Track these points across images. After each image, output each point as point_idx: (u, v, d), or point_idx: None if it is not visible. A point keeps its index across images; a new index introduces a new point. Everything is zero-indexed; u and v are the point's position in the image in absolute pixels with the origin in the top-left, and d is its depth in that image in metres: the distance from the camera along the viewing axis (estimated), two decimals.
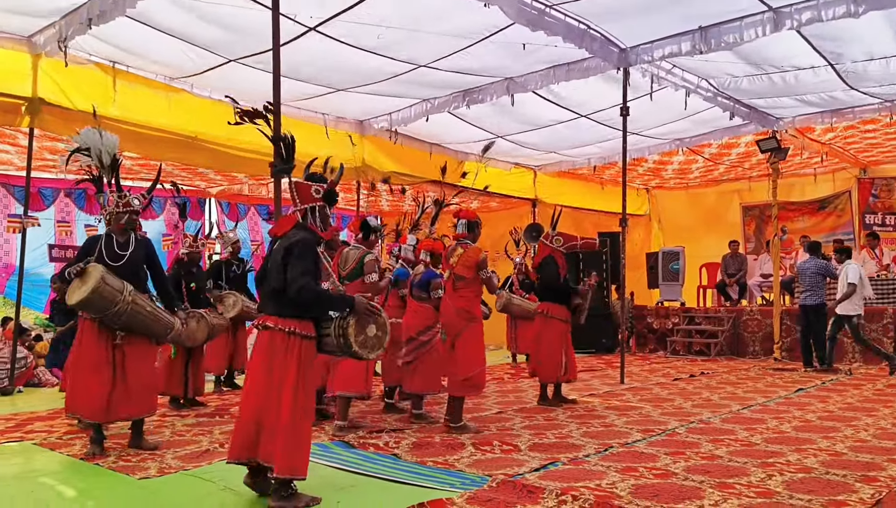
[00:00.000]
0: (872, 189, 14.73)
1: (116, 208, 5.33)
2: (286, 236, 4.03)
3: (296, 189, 4.13)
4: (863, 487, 4.09)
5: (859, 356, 11.00)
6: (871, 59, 8.63)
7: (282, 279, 3.91)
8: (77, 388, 5.29)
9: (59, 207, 12.70)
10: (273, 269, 3.99)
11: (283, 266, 3.91)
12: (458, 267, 5.96)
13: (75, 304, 5.05)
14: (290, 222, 4.11)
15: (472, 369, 5.88)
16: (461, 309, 5.94)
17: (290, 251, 3.92)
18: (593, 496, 3.91)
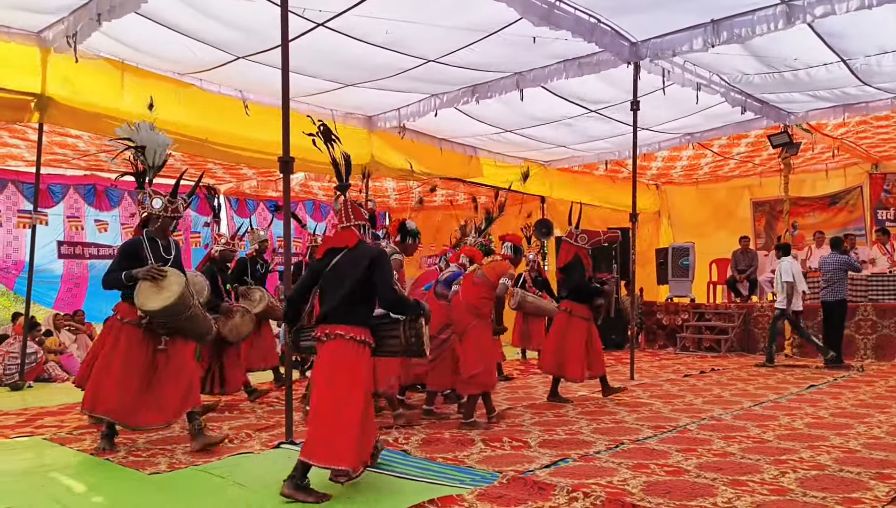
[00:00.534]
0: (884, 184, 14.60)
1: (165, 212, 5.16)
2: (358, 249, 4.22)
3: (351, 208, 4.41)
4: (878, 485, 4.04)
5: (871, 353, 10.92)
6: (885, 53, 8.53)
7: (357, 289, 4.14)
8: (106, 389, 5.02)
9: (69, 203, 12.74)
10: (345, 279, 4.15)
11: (367, 278, 4.13)
12: (486, 266, 6.14)
13: (155, 311, 4.90)
14: (352, 236, 4.28)
15: (476, 366, 5.89)
16: (471, 305, 6.00)
17: (375, 264, 4.15)
18: (605, 493, 3.88)
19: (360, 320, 4.20)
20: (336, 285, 4.18)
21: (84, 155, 11.54)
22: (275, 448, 5.16)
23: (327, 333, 4.14)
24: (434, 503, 3.78)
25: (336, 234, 4.39)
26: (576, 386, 8.37)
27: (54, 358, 9.76)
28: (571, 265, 7.29)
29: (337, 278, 4.18)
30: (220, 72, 8.75)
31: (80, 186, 12.85)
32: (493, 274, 6.09)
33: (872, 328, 11.02)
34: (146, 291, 4.91)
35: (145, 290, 4.92)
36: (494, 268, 6.13)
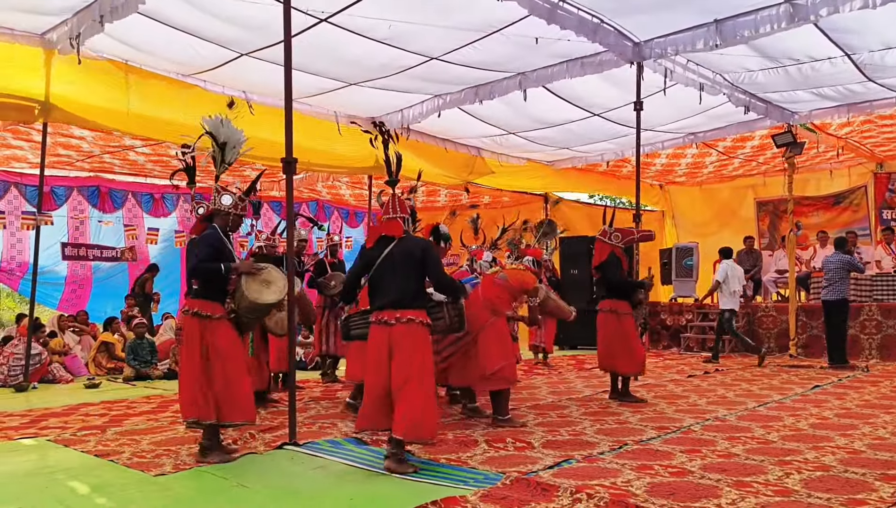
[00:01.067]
0: (889, 184, 14.54)
1: (235, 209, 5.11)
2: (407, 239, 4.73)
3: (398, 202, 4.83)
4: (883, 486, 4.02)
5: (876, 353, 10.88)
6: (889, 49, 8.49)
7: (416, 277, 4.66)
8: (235, 393, 4.88)
9: (72, 205, 12.77)
10: (399, 267, 4.63)
11: (422, 265, 4.65)
12: (509, 271, 6.26)
13: (269, 304, 5.04)
14: (398, 227, 4.75)
15: (499, 361, 5.88)
16: (489, 301, 5.99)
17: (427, 253, 4.69)
18: (608, 494, 3.87)
19: (422, 304, 4.71)
20: (396, 273, 4.63)
21: (88, 156, 11.57)
22: (278, 449, 5.16)
23: (398, 317, 4.56)
24: (437, 504, 3.78)
25: (384, 224, 4.80)
26: (580, 386, 8.37)
27: (59, 359, 9.78)
28: (608, 264, 7.31)
29: (395, 267, 4.63)
30: (223, 71, 8.76)
31: (83, 187, 12.88)
32: (515, 280, 6.18)
33: (877, 327, 10.99)
34: (255, 285, 4.98)
35: (253, 284, 4.97)
36: (518, 275, 6.24)
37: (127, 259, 13.05)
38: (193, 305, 4.88)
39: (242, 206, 5.17)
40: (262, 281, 5.02)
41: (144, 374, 9.65)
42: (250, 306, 4.97)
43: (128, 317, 11.58)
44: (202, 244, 4.95)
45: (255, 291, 4.96)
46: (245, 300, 4.94)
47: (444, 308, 4.92)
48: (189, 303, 4.93)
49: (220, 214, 5.09)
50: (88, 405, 7.41)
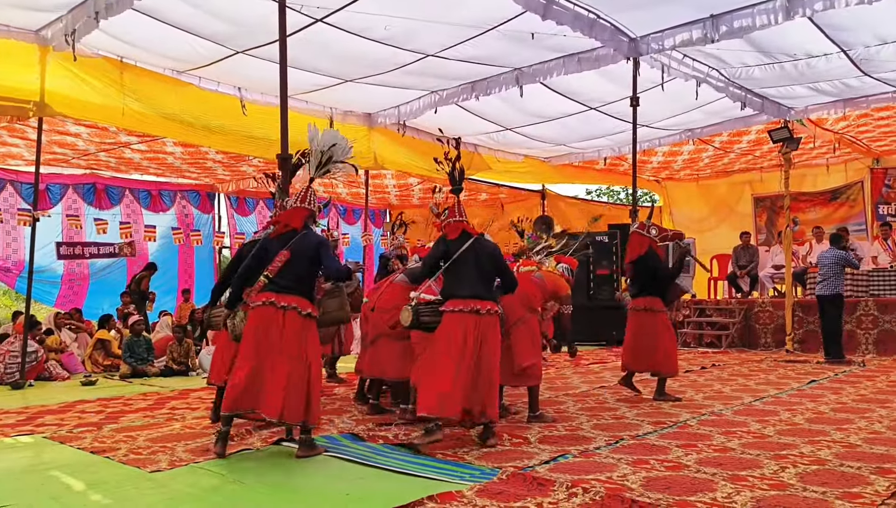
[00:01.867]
0: (885, 179, 14.58)
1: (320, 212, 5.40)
2: (479, 240, 5.24)
3: (461, 207, 5.36)
4: (878, 479, 4.03)
5: (872, 348, 10.90)
6: (885, 44, 8.50)
7: (489, 272, 5.22)
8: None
9: (67, 203, 12.74)
10: (471, 263, 5.12)
11: (492, 263, 5.21)
12: (545, 272, 6.31)
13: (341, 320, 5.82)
14: (462, 228, 5.25)
15: (530, 357, 5.84)
16: (525, 296, 5.89)
17: (495, 255, 5.28)
18: (604, 488, 3.87)
19: (494, 296, 5.24)
20: (474, 267, 5.12)
21: (84, 154, 11.54)
22: (274, 445, 5.15)
23: (478, 308, 5.02)
24: (433, 499, 3.77)
25: (452, 225, 5.28)
26: (577, 381, 8.38)
27: (55, 357, 9.77)
28: (649, 256, 7.16)
29: (471, 262, 5.12)
30: (218, 68, 8.75)
31: (78, 185, 12.86)
32: (550, 283, 6.21)
33: (874, 323, 11.01)
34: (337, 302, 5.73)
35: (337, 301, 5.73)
36: (553, 279, 6.28)
37: (126, 254, 12.95)
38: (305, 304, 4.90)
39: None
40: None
41: (141, 371, 9.64)
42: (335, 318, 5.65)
43: (124, 314, 11.57)
44: (327, 248, 5.07)
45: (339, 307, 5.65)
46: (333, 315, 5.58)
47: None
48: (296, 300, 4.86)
49: (313, 217, 5.24)
50: (85, 402, 7.41)
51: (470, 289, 5.08)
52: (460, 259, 5.12)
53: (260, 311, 4.82)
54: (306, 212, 5.11)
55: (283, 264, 4.81)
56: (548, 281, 6.19)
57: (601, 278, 13.29)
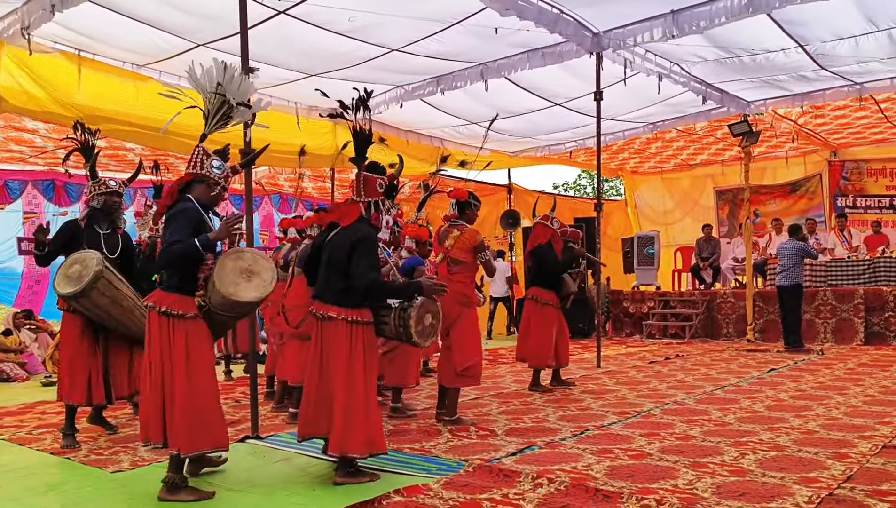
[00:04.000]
0: (843, 172, 14.94)
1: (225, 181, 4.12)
2: (351, 229, 4.11)
3: (364, 182, 4.21)
4: (834, 464, 4.14)
5: (831, 337, 11.16)
6: (840, 39, 8.69)
7: (345, 271, 4.05)
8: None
9: (27, 199, 12.46)
10: (334, 258, 4.10)
11: (348, 259, 4.03)
12: (453, 250, 5.67)
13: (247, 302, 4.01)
14: (355, 212, 4.16)
15: (469, 358, 5.59)
16: (458, 293, 5.54)
17: (355, 247, 4.02)
18: (569, 478, 3.92)
19: (355, 301, 4.16)
20: (327, 262, 4.19)
21: (42, 152, 11.28)
22: (240, 443, 5.11)
23: (320, 313, 4.15)
24: (400, 492, 3.78)
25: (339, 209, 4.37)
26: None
27: (14, 358, 9.55)
28: (544, 248, 7.15)
29: (330, 257, 4.16)
30: (179, 61, 8.60)
31: (38, 181, 12.57)
32: (463, 253, 5.66)
33: (832, 312, 11.27)
34: (231, 274, 3.88)
35: (230, 273, 3.89)
36: (462, 245, 5.65)
37: None
38: (162, 300, 3.85)
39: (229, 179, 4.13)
40: (244, 270, 3.93)
41: None
42: (223, 301, 3.89)
43: None
44: (178, 221, 3.83)
45: (231, 283, 3.86)
46: (217, 294, 3.86)
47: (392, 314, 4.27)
48: (155, 297, 3.88)
49: (205, 183, 4.00)
50: (45, 403, 7.25)
51: (316, 290, 4.24)
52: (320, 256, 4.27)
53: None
54: (188, 178, 3.99)
55: None
56: (461, 254, 5.68)
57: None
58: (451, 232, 5.77)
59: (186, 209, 3.89)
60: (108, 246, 5.38)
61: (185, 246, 3.76)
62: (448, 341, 5.68)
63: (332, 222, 4.25)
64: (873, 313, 11.00)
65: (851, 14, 8.02)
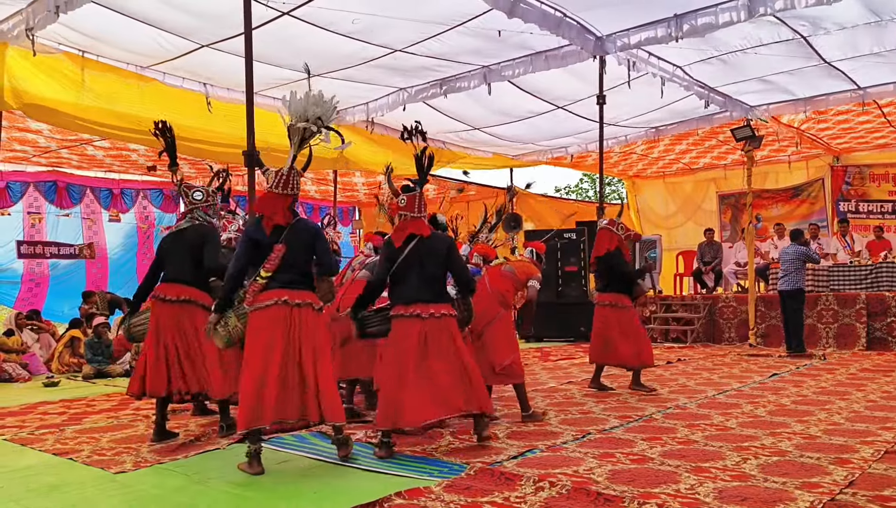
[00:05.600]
0: (846, 177, 14.93)
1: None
2: (436, 238, 4.90)
3: (422, 200, 4.92)
4: (836, 469, 4.13)
5: (833, 342, 11.14)
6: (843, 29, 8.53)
7: (442, 273, 4.87)
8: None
9: (28, 201, 12.50)
10: (430, 264, 4.80)
11: (447, 262, 4.85)
12: (514, 263, 6.23)
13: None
14: (426, 225, 4.92)
15: (506, 356, 5.80)
16: (499, 293, 5.90)
17: (451, 253, 4.88)
18: (570, 482, 3.92)
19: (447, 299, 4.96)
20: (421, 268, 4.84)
21: (45, 151, 11.32)
22: (239, 442, 5.10)
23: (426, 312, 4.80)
24: (401, 495, 3.78)
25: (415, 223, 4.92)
26: (545, 377, 8.44)
27: (16, 358, 9.57)
28: (616, 253, 7.29)
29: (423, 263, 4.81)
30: (183, 62, 8.62)
31: (40, 183, 12.61)
32: (521, 272, 6.13)
33: (834, 317, 11.26)
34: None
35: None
36: (523, 266, 6.21)
37: (85, 256, 12.80)
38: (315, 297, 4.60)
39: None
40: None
41: (105, 372, 9.49)
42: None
43: (87, 315, 11.35)
44: (324, 241, 4.73)
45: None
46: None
47: (459, 304, 4.99)
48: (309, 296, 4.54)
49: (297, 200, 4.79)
50: (47, 403, 7.27)
51: (411, 295, 4.77)
52: (404, 264, 4.79)
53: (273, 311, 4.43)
54: (290, 199, 4.57)
55: (280, 261, 4.42)
56: (518, 271, 6.15)
57: (569, 274, 13.40)
58: (523, 257, 6.51)
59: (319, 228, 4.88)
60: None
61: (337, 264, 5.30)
62: (481, 341, 5.81)
63: (411, 234, 4.83)
64: (875, 318, 10.98)
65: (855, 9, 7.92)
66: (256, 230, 4.52)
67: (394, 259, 4.79)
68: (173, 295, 5.33)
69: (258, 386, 4.31)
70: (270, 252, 4.42)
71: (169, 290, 5.36)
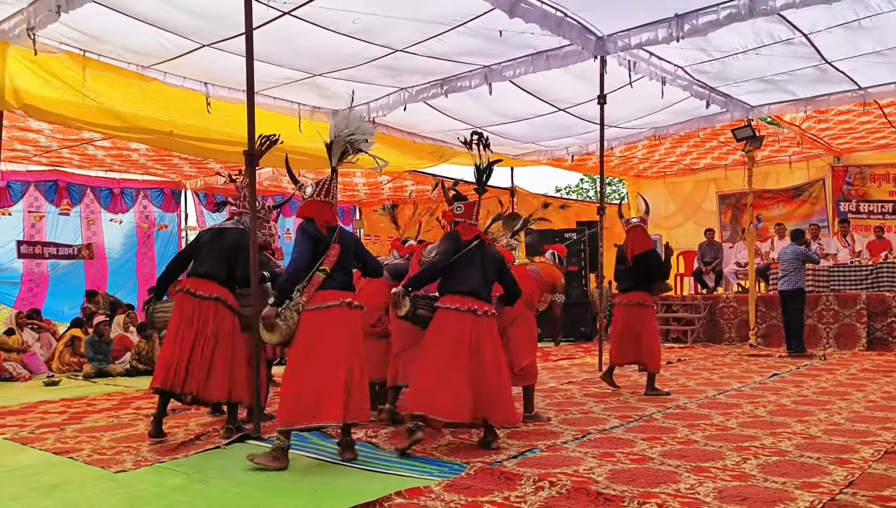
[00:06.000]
0: (846, 177, 14.92)
1: None
2: (491, 247, 5.15)
3: (479, 208, 5.10)
4: (836, 469, 4.13)
5: (833, 342, 11.14)
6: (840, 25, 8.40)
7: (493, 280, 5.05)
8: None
9: (28, 201, 12.51)
10: (486, 269, 4.98)
11: (501, 270, 5.10)
12: (539, 264, 6.31)
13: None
14: (476, 231, 5.05)
15: (526, 357, 5.78)
16: (525, 293, 5.70)
17: (503, 265, 5.13)
18: (570, 481, 3.92)
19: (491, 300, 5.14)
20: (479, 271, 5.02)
21: (46, 151, 11.33)
22: (239, 442, 5.11)
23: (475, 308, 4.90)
24: (401, 494, 3.78)
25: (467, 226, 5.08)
26: (545, 377, 8.44)
27: (17, 357, 9.59)
28: (652, 252, 7.26)
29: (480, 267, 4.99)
30: (184, 61, 8.62)
31: (40, 182, 12.62)
32: (546, 274, 6.16)
33: (834, 317, 11.26)
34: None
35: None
36: (548, 269, 6.25)
37: (84, 257, 12.83)
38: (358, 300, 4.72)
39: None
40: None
41: (105, 371, 9.50)
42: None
43: (88, 314, 11.37)
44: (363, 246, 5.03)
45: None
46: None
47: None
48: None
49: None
50: (47, 402, 7.28)
51: (470, 288, 4.86)
52: (465, 259, 4.90)
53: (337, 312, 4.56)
54: (334, 207, 4.80)
55: (336, 260, 4.59)
56: (543, 273, 6.14)
57: (570, 274, 13.38)
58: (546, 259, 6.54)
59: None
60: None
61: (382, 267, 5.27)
62: (503, 340, 5.59)
63: (477, 235, 5.02)
64: (876, 318, 10.98)
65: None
66: (315, 229, 4.62)
67: (458, 250, 4.91)
68: (205, 292, 5.27)
69: (318, 385, 4.43)
70: (326, 251, 4.57)
71: (200, 285, 5.30)
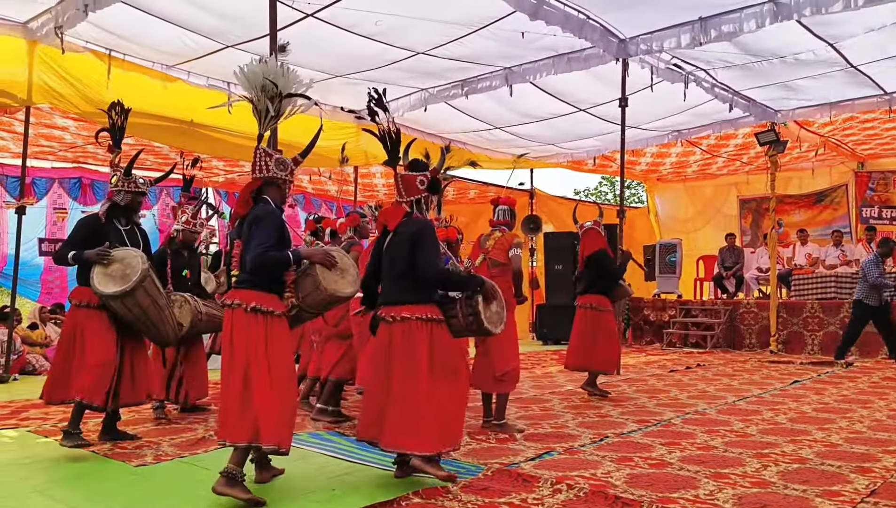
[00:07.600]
0: (869, 183, 14.75)
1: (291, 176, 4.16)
2: (405, 225, 4.10)
3: (402, 181, 4.22)
4: (858, 478, 4.09)
5: (855, 349, 11.00)
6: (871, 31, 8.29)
7: (409, 268, 4.01)
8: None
9: (52, 198, 12.66)
10: (397, 258, 4.07)
11: (411, 254, 4.00)
12: (493, 251, 5.67)
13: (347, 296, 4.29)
14: (399, 214, 4.16)
15: (508, 363, 5.49)
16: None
17: (416, 240, 4.01)
18: (588, 485, 3.91)
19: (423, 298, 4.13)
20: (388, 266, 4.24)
21: (71, 147, 11.47)
22: None
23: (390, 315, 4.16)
24: (419, 494, 3.80)
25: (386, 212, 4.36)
26: (562, 380, 8.42)
27: (40, 351, 9.72)
28: (601, 255, 7.20)
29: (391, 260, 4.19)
30: (207, 61, 8.70)
31: (64, 179, 12.76)
32: (503, 254, 5.63)
33: None
34: (331, 274, 4.17)
35: (330, 274, 4.16)
36: (502, 246, 5.66)
37: None
38: (250, 298, 3.84)
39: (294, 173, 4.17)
40: (338, 269, 4.18)
41: None
42: (327, 299, 4.14)
43: None
44: (264, 225, 3.86)
45: (333, 281, 4.12)
46: (322, 293, 4.08)
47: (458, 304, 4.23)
48: (241, 295, 3.86)
49: (276, 185, 4.05)
50: None
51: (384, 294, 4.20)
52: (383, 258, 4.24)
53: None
54: (259, 183, 4.02)
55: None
56: (498, 255, 5.67)
57: None
58: (492, 234, 5.81)
59: (271, 213, 3.91)
60: (131, 242, 5.11)
61: (281, 256, 3.85)
62: (485, 345, 5.50)
63: (384, 227, 4.22)
64: None
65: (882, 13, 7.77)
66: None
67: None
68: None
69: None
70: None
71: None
